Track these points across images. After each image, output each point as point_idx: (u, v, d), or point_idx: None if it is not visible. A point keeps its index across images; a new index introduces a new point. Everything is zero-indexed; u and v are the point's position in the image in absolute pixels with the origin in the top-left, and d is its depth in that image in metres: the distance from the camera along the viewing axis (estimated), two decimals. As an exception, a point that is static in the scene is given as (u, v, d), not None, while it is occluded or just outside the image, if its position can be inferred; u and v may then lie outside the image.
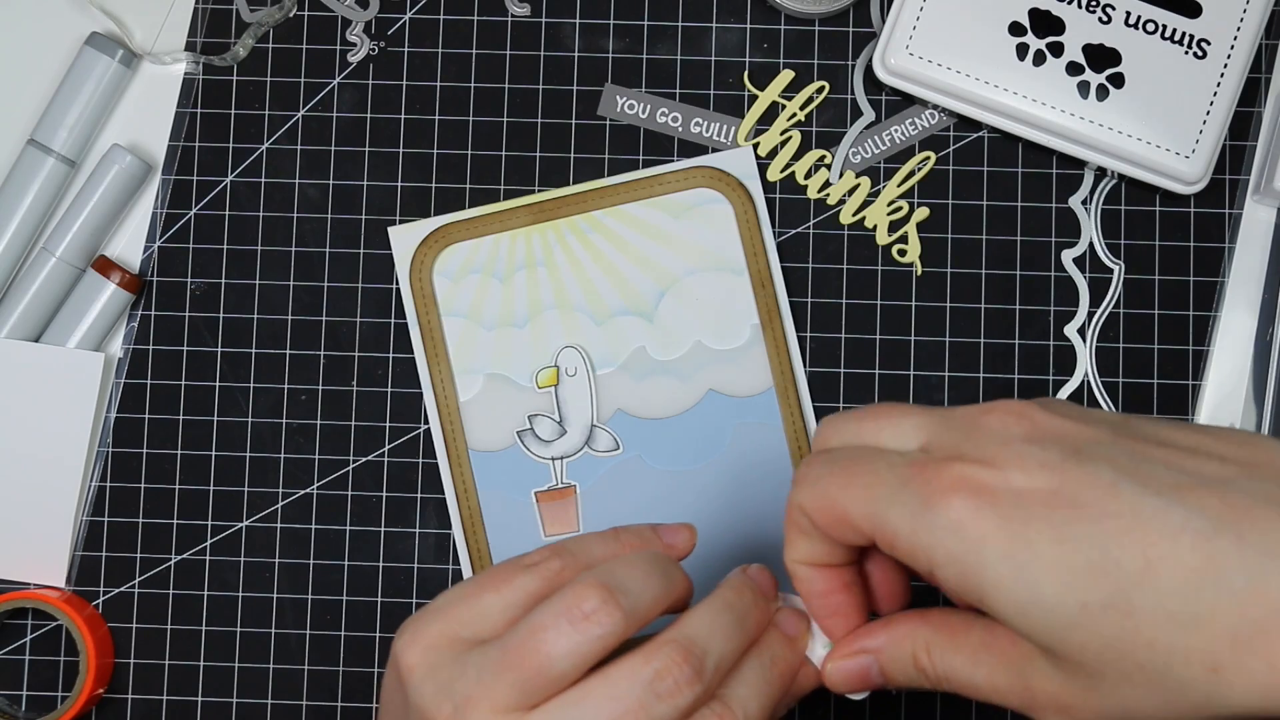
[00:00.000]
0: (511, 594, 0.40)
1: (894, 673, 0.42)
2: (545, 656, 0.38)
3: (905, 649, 0.41)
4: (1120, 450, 0.37)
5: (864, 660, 0.42)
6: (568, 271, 0.56)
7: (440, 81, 0.57)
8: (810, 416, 0.56)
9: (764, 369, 0.56)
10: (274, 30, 0.58)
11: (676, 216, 0.56)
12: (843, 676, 0.42)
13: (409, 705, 0.40)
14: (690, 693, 0.39)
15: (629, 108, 0.57)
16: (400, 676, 0.40)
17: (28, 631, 0.56)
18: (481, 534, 0.55)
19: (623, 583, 0.40)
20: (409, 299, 0.56)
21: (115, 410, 0.57)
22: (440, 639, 0.40)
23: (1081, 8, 0.55)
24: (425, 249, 0.56)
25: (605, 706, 0.38)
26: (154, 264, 0.57)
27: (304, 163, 0.57)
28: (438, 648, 0.40)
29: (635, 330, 0.56)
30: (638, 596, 0.40)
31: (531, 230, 0.56)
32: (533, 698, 0.38)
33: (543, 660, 0.38)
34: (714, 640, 0.40)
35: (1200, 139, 0.54)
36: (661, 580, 0.41)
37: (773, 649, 0.42)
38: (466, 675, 0.39)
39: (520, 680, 0.38)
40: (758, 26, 0.57)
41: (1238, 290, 0.56)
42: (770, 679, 0.41)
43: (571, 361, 0.56)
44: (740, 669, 0.41)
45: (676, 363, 0.56)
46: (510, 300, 0.56)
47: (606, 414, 0.56)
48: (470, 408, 0.56)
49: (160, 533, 0.56)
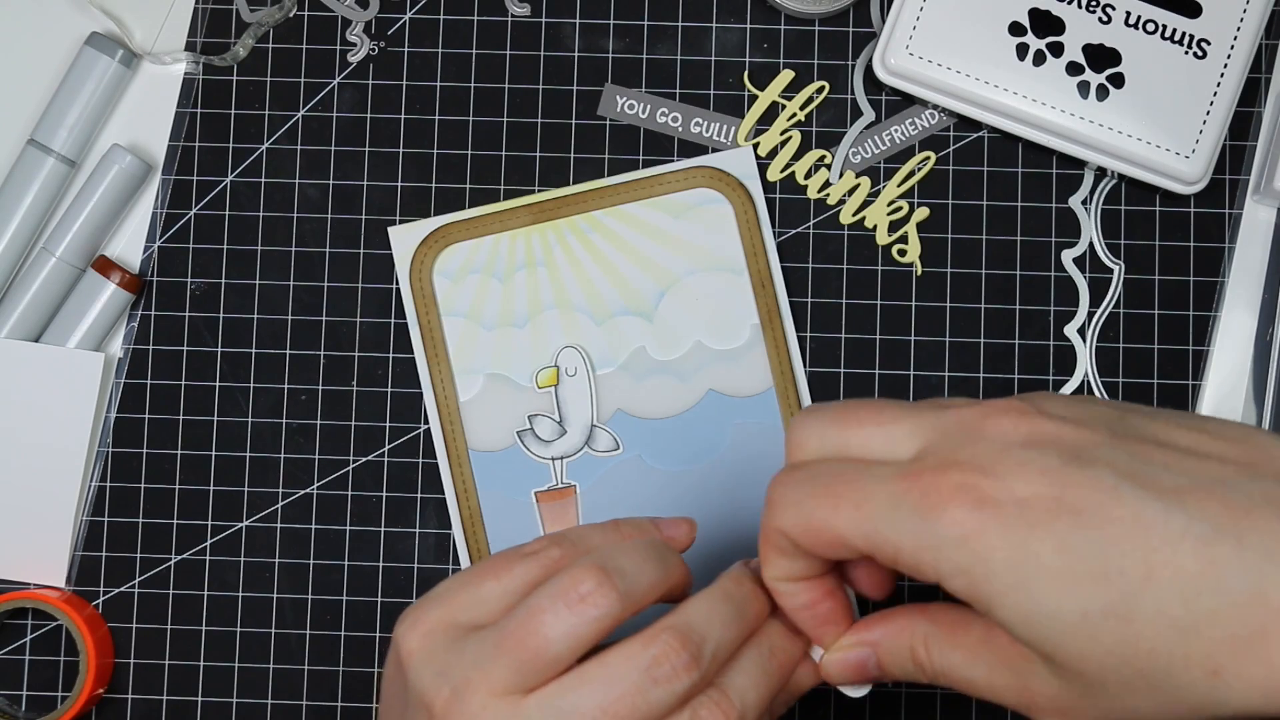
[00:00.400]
0: (510, 581, 0.41)
1: (891, 666, 0.41)
2: (542, 639, 0.38)
3: (903, 642, 0.41)
4: (1120, 453, 0.36)
5: (862, 653, 0.42)
6: (568, 271, 0.56)
7: (440, 81, 0.57)
8: None
9: (764, 369, 0.56)
10: (274, 30, 0.58)
11: (677, 216, 0.56)
12: (839, 669, 0.42)
13: (408, 690, 0.40)
14: (687, 679, 0.39)
15: (629, 108, 0.57)
16: (400, 662, 0.40)
17: (28, 631, 0.56)
18: (481, 534, 0.55)
19: (620, 566, 0.40)
20: (409, 299, 0.56)
21: (115, 410, 0.57)
22: (439, 625, 0.40)
23: (1081, 8, 0.55)
24: (425, 249, 0.56)
25: (601, 690, 0.38)
26: (154, 264, 0.57)
27: (304, 163, 0.57)
28: (436, 633, 0.40)
29: (635, 330, 0.56)
30: (634, 579, 0.40)
31: (531, 230, 0.56)
32: (530, 680, 0.38)
33: (540, 642, 0.38)
34: (712, 628, 0.40)
35: (1200, 139, 0.54)
36: (658, 565, 0.41)
37: (772, 640, 0.42)
38: (464, 659, 0.39)
39: (517, 663, 0.38)
40: (758, 26, 0.57)
41: (1238, 290, 0.56)
42: (769, 670, 0.41)
43: (571, 361, 0.56)
44: (739, 658, 0.41)
45: (676, 363, 0.56)
46: (510, 300, 0.56)
47: (606, 414, 0.56)
48: (470, 408, 0.56)
49: (160, 533, 0.56)
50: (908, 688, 0.55)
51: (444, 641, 0.40)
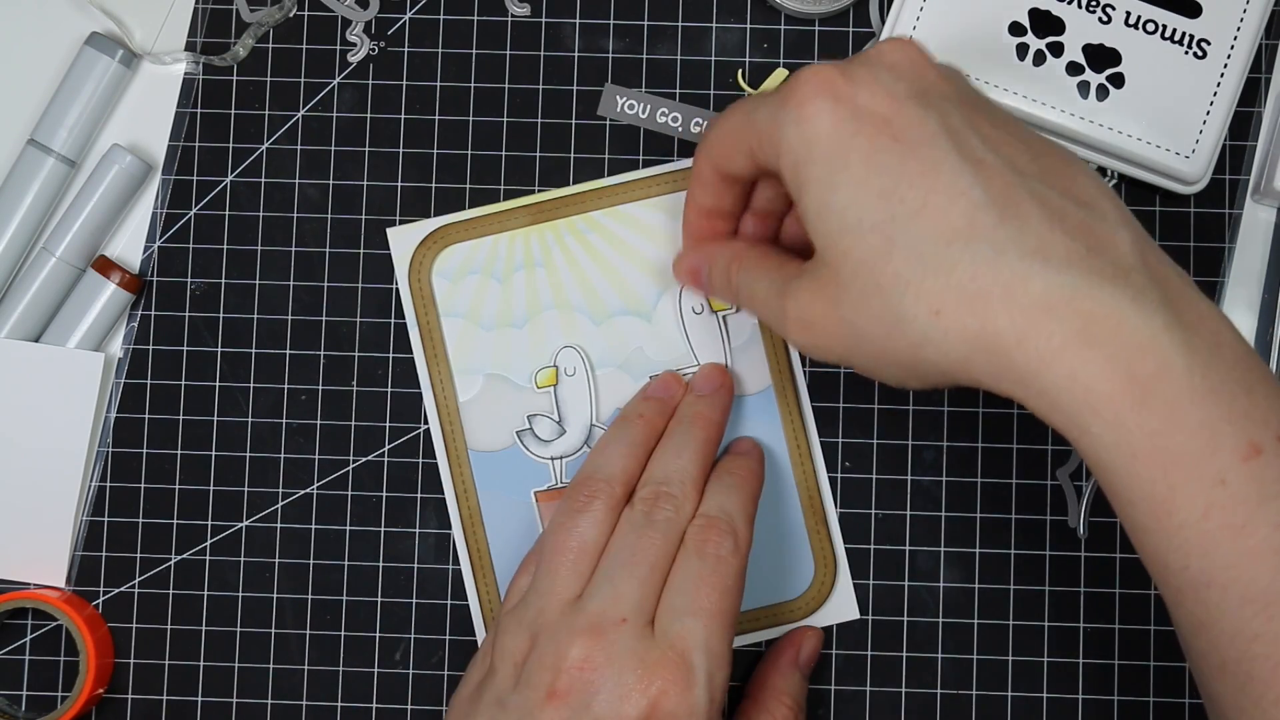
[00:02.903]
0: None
1: (714, 278, 0.50)
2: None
3: (725, 259, 0.49)
4: (957, 112, 0.42)
5: (696, 258, 0.51)
6: (566, 272, 0.56)
7: (440, 81, 0.57)
8: (809, 416, 0.56)
9: (763, 368, 0.56)
10: (274, 30, 0.58)
11: (675, 217, 0.56)
12: (682, 268, 0.52)
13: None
14: (671, 510, 0.48)
15: (629, 108, 0.57)
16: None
17: (28, 631, 0.56)
18: (481, 534, 0.55)
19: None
20: (408, 300, 0.56)
21: (115, 410, 0.57)
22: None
23: (1081, 8, 0.55)
24: (424, 250, 0.56)
25: (615, 557, 0.47)
26: (154, 264, 0.57)
27: (304, 163, 0.57)
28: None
29: (634, 330, 0.56)
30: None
31: (530, 231, 0.56)
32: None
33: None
34: (670, 467, 0.50)
35: (1200, 139, 0.54)
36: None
37: (728, 465, 0.51)
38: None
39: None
40: (758, 26, 0.57)
41: (1238, 290, 0.56)
42: (736, 485, 0.50)
43: (570, 361, 0.56)
44: (709, 488, 0.50)
45: (673, 362, 0.56)
46: (509, 300, 0.56)
47: (606, 413, 0.56)
48: (470, 408, 0.56)
49: (160, 533, 0.56)
50: (908, 688, 0.55)
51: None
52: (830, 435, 0.56)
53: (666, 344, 0.56)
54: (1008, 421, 0.56)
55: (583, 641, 0.45)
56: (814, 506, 0.55)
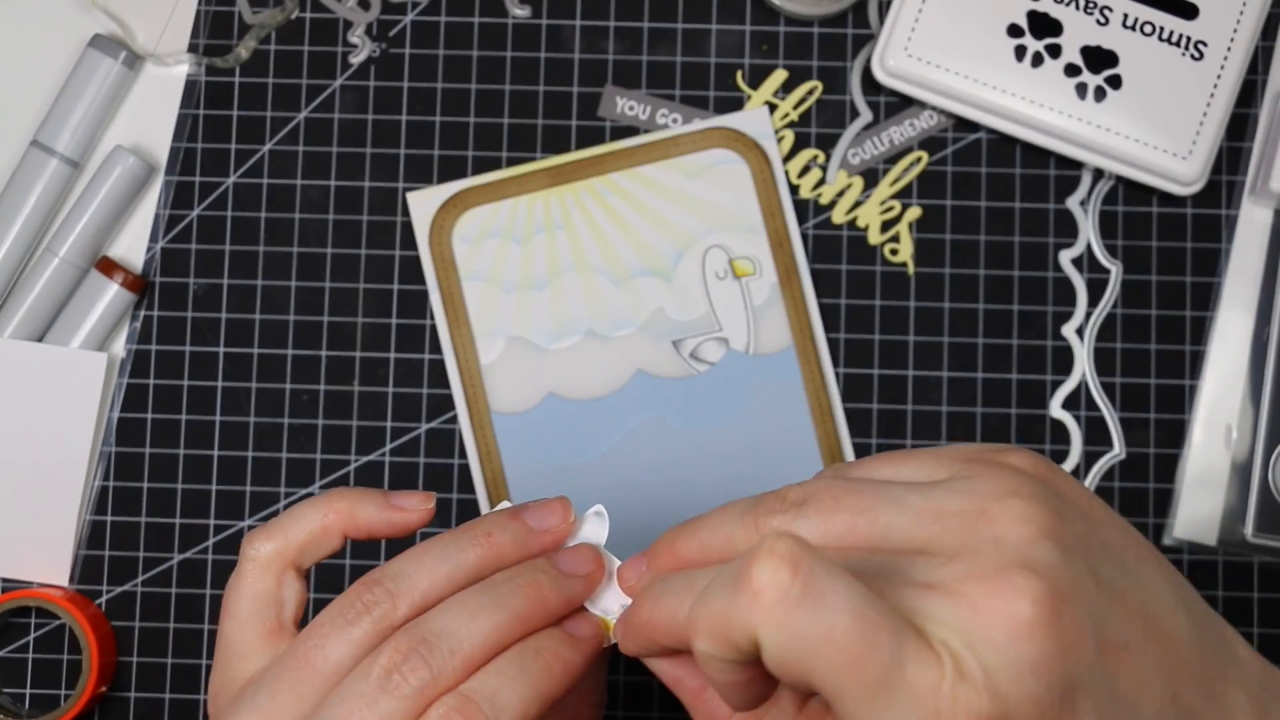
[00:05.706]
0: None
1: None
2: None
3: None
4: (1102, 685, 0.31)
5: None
6: (586, 234, 0.56)
7: (441, 83, 0.58)
8: (829, 374, 0.56)
9: (783, 327, 0.56)
10: (276, 32, 0.58)
11: (693, 177, 0.56)
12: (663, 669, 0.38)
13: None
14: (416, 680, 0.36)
15: (629, 109, 0.57)
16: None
17: (31, 630, 0.57)
18: (505, 495, 0.56)
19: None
20: (428, 264, 0.56)
21: (118, 410, 0.57)
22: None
23: (1079, 9, 0.55)
24: (444, 214, 0.57)
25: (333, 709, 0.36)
26: (156, 264, 0.58)
27: (306, 164, 0.58)
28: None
29: (654, 291, 0.56)
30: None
31: (549, 193, 0.57)
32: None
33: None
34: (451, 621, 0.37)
35: (1197, 140, 0.54)
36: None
37: (538, 640, 0.37)
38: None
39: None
40: (757, 28, 0.58)
41: (1234, 290, 0.56)
42: (531, 669, 0.37)
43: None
44: (499, 657, 0.37)
45: (695, 322, 0.56)
46: (529, 263, 0.56)
47: (626, 375, 0.56)
48: (492, 370, 0.56)
49: (163, 532, 0.57)
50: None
51: None
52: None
53: (688, 304, 0.56)
54: (1007, 421, 0.56)
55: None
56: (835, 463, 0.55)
